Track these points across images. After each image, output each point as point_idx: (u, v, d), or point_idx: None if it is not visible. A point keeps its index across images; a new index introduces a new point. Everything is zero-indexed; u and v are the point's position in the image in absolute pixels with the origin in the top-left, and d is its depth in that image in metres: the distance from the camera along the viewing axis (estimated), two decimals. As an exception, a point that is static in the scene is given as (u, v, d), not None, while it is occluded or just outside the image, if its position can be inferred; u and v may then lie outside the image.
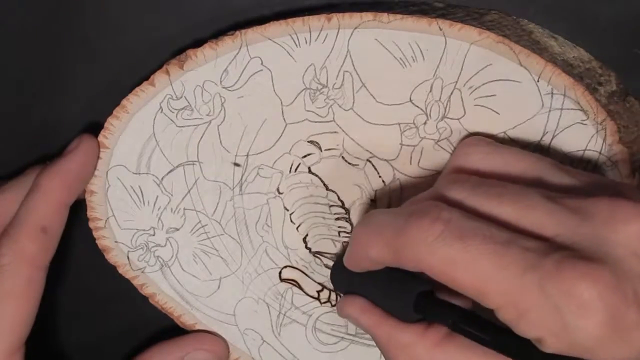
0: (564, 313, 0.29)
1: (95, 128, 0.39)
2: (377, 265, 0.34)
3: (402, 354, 0.34)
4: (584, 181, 0.33)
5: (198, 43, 0.37)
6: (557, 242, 0.30)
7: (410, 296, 0.34)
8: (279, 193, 0.40)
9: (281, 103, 0.38)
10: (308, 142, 0.39)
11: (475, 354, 0.33)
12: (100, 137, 0.39)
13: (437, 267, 0.31)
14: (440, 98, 0.37)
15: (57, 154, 0.39)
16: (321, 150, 0.39)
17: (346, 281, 0.38)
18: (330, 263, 0.40)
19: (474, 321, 0.32)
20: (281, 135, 0.39)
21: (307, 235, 0.40)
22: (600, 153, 0.38)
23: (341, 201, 0.39)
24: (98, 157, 0.39)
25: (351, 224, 0.40)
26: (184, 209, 0.40)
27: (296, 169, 0.39)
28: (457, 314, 0.32)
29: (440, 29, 0.36)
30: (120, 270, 0.41)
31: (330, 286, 0.41)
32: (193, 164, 0.39)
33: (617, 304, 0.28)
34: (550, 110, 0.37)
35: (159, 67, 0.38)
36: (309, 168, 0.39)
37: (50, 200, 0.37)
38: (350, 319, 0.37)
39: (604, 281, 0.28)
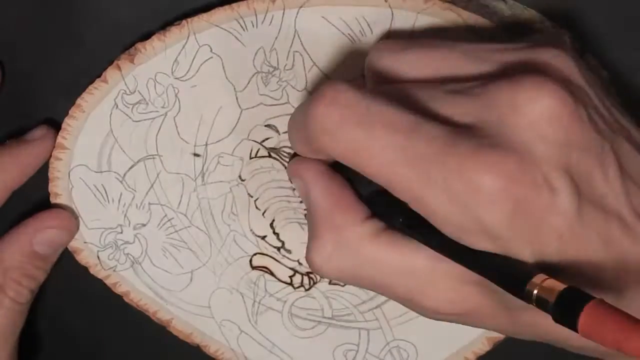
0: (473, 209, 0.27)
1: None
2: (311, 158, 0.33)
3: (330, 235, 0.32)
4: (498, 61, 0.30)
5: (146, 36, 0.37)
6: (463, 132, 0.28)
7: (365, 190, 0.33)
8: (242, 180, 0.39)
9: (234, 89, 0.38)
10: (265, 126, 0.39)
11: (398, 254, 0.31)
12: (59, 139, 0.39)
13: (343, 156, 0.29)
14: (392, 71, 0.37)
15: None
16: (279, 133, 0.39)
17: None
18: None
19: (420, 223, 0.30)
20: (238, 121, 0.38)
21: (273, 220, 0.40)
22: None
23: (304, 183, 0.39)
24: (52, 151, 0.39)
25: (316, 206, 0.39)
26: (149, 203, 0.40)
27: (256, 154, 0.39)
28: (405, 213, 0.31)
29: (386, 1, 0.36)
30: (92, 271, 0.41)
31: (302, 270, 0.40)
32: (153, 158, 0.39)
33: (524, 192, 0.27)
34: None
35: (110, 63, 0.38)
36: (269, 152, 0.39)
37: (4, 182, 0.38)
38: (299, 179, 0.34)
39: (508, 170, 0.27)
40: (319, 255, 0.32)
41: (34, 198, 0.40)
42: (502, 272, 0.28)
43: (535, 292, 0.26)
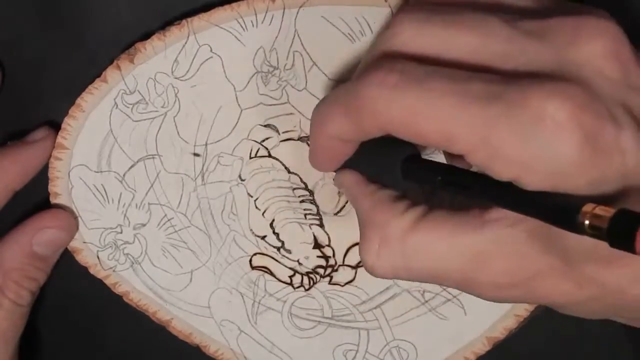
0: (538, 141, 0.26)
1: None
2: (340, 144, 0.32)
3: (375, 234, 0.32)
4: (544, 4, 0.30)
5: (146, 36, 0.37)
6: (520, 71, 0.28)
7: (396, 163, 0.33)
8: (242, 180, 0.39)
9: (234, 89, 0.38)
10: (265, 125, 0.39)
11: (442, 236, 0.31)
12: (59, 139, 0.39)
13: (398, 120, 0.29)
14: (392, 70, 0.37)
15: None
16: (279, 133, 0.39)
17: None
18: None
19: (459, 175, 0.30)
20: (237, 121, 0.38)
21: (273, 220, 0.40)
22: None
23: (304, 183, 0.39)
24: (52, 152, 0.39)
25: (316, 206, 0.40)
26: (149, 203, 0.40)
27: (256, 154, 0.39)
28: (442, 171, 0.31)
29: (386, 1, 0.36)
30: (92, 271, 0.41)
31: (302, 270, 0.40)
32: (153, 158, 0.39)
33: (592, 122, 0.26)
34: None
35: (110, 62, 0.38)
36: (269, 152, 0.39)
37: (5, 183, 0.38)
38: (343, 189, 0.35)
39: (575, 98, 0.26)
40: (368, 255, 0.32)
41: (34, 198, 0.40)
42: (553, 208, 0.27)
43: (587, 221, 0.25)
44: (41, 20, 0.39)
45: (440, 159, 0.37)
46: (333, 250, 0.40)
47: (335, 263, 0.40)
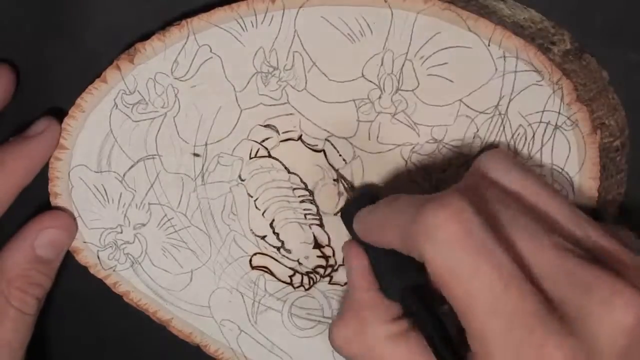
0: None
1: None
2: (387, 246, 0.33)
3: (355, 323, 0.34)
4: (595, 236, 0.32)
5: (146, 36, 0.37)
6: (550, 296, 0.29)
7: (401, 283, 0.34)
8: (241, 180, 0.39)
9: (234, 89, 0.38)
10: (265, 126, 0.39)
11: (420, 353, 0.33)
12: (59, 139, 0.39)
13: (436, 269, 0.30)
14: (392, 71, 0.37)
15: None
16: (279, 133, 0.39)
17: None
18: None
19: (446, 343, 0.31)
20: (237, 121, 0.38)
21: (273, 220, 0.40)
22: (559, 113, 0.37)
23: (304, 183, 0.39)
24: (58, 143, 0.39)
25: (316, 206, 0.39)
26: (149, 203, 0.40)
27: (256, 154, 0.39)
28: (433, 328, 0.32)
29: (386, 1, 0.36)
30: (92, 271, 0.41)
31: (302, 270, 0.40)
32: (153, 158, 0.39)
33: None
34: (504, 74, 0.37)
35: (110, 63, 0.38)
36: (269, 152, 0.39)
37: (10, 181, 0.38)
38: (347, 266, 0.37)
39: (572, 352, 0.28)
40: (339, 336, 0.35)
41: (34, 198, 0.40)
42: None
43: None
44: (41, 20, 0.39)
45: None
46: (333, 250, 0.40)
47: (335, 263, 0.40)
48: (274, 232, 0.40)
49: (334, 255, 0.40)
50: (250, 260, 0.41)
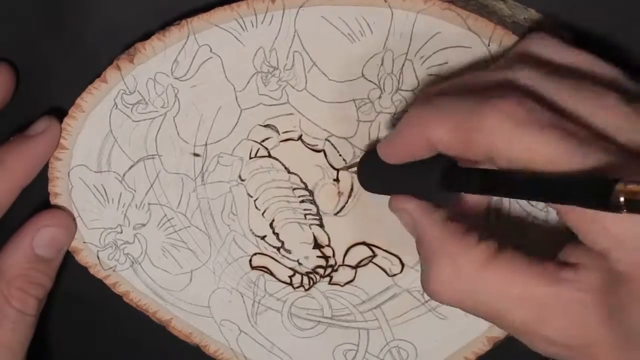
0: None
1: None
2: (427, 152, 0.32)
3: (446, 263, 0.32)
4: None
5: (146, 36, 0.37)
6: (627, 147, 0.29)
7: (436, 174, 0.33)
8: (241, 180, 0.39)
9: (234, 89, 0.38)
10: (265, 126, 0.39)
11: (520, 271, 0.31)
12: (58, 139, 0.39)
13: (514, 156, 0.29)
14: (392, 71, 0.37)
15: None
16: (279, 133, 0.39)
17: (373, 180, 0.37)
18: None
19: (500, 177, 0.30)
20: (237, 121, 0.38)
21: (273, 220, 0.40)
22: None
23: (304, 183, 0.39)
24: (59, 143, 0.39)
25: (316, 206, 0.39)
26: (149, 203, 0.40)
27: (256, 154, 0.39)
28: (479, 175, 0.31)
29: (386, 1, 0.36)
30: (92, 271, 0.41)
31: (301, 270, 0.40)
32: (153, 158, 0.39)
33: None
34: (504, 74, 0.37)
35: (110, 62, 0.38)
36: (269, 152, 0.39)
37: (10, 181, 0.38)
38: (401, 213, 0.35)
39: None
40: (436, 283, 0.32)
41: (34, 198, 0.40)
42: (586, 192, 0.27)
43: (622, 198, 0.26)
44: (41, 20, 0.39)
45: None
46: (333, 250, 0.40)
47: (335, 263, 0.40)
48: (273, 232, 0.40)
49: (333, 255, 0.40)
50: (250, 261, 0.41)
